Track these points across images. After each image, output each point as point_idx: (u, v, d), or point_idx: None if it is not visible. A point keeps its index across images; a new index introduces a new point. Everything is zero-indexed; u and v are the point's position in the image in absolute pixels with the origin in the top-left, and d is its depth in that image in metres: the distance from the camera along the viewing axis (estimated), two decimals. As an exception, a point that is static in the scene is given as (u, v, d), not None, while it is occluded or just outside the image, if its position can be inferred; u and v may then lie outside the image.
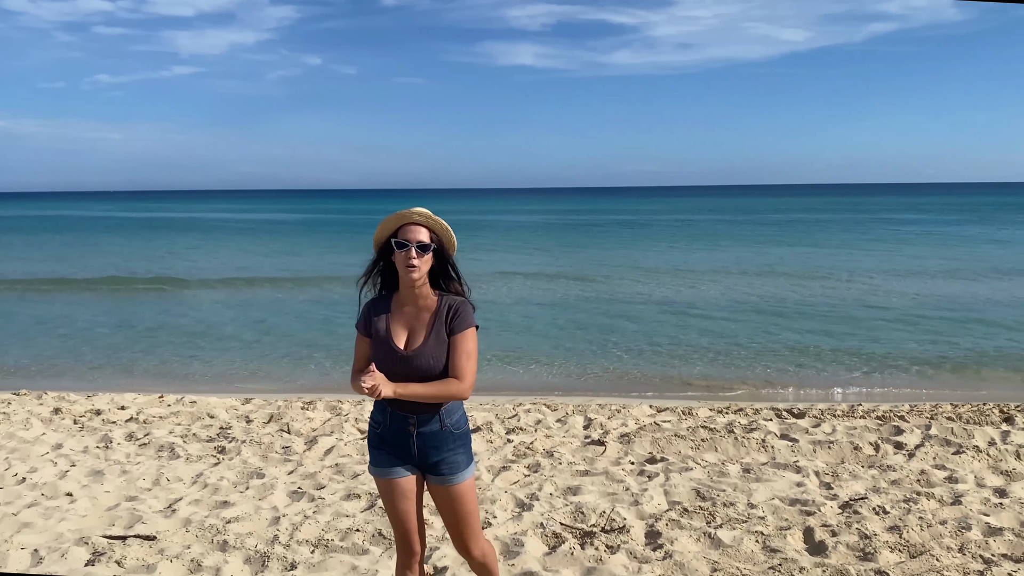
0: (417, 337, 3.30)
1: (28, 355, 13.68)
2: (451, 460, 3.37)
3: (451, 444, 3.36)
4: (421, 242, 3.27)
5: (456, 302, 3.34)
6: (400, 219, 3.35)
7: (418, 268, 3.26)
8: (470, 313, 3.34)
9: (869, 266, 26.72)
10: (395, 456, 3.38)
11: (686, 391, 11.11)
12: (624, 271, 26.36)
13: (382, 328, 3.34)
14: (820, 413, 8.28)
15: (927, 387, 11.35)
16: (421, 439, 3.33)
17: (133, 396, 9.66)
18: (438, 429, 3.33)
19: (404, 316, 3.35)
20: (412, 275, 3.27)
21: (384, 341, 3.32)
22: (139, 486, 6.25)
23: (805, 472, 6.33)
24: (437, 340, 3.27)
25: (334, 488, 6.12)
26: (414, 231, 3.29)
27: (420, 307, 3.34)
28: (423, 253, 3.27)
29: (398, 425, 3.33)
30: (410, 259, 3.25)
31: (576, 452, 6.98)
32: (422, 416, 3.31)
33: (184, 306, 19.55)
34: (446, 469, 3.36)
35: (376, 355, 3.32)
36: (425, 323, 3.31)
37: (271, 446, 7.29)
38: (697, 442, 7.08)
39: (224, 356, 13.63)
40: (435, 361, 3.25)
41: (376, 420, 3.42)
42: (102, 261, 30.93)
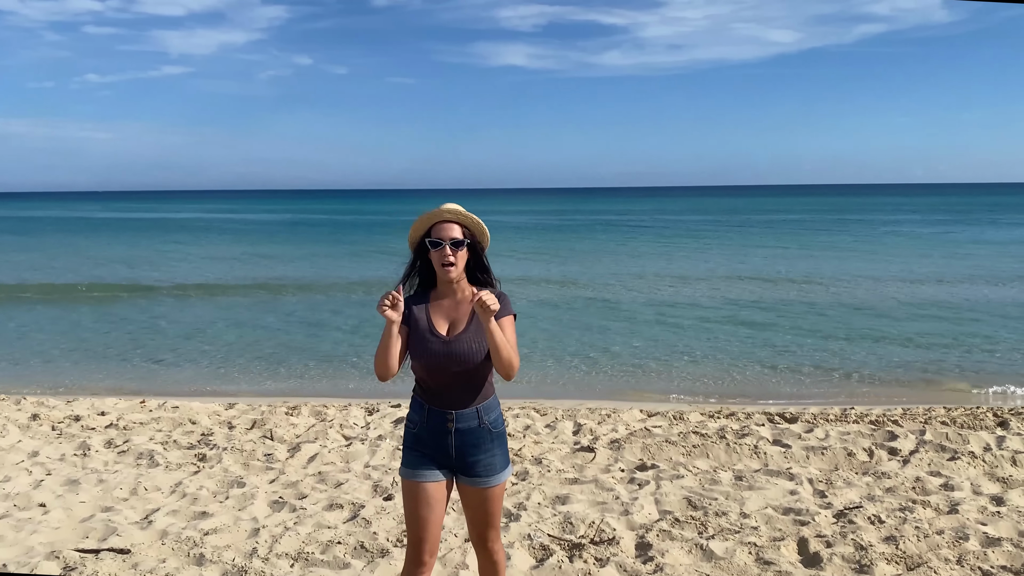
0: (459, 326, 3.32)
1: (7, 359, 13.48)
2: (488, 462, 3.33)
3: (489, 444, 3.33)
4: (455, 239, 3.30)
5: (495, 293, 3.34)
6: (432, 218, 3.37)
7: (455, 265, 3.30)
8: (509, 302, 3.37)
9: (854, 268, 26.68)
10: (430, 458, 3.33)
11: (675, 394, 11.00)
12: (611, 272, 26.26)
13: (422, 318, 3.35)
14: (813, 418, 8.17)
15: (918, 390, 11.28)
16: (459, 436, 3.29)
17: (114, 401, 9.47)
18: (476, 426, 3.30)
19: (443, 308, 3.38)
20: (449, 273, 3.31)
21: (426, 329, 3.32)
22: (116, 496, 6.07)
23: (798, 479, 6.20)
24: (478, 328, 3.28)
25: (316, 498, 5.96)
26: (447, 229, 3.32)
27: (459, 300, 3.38)
28: (457, 249, 3.31)
29: (436, 423, 3.30)
30: (445, 257, 3.29)
31: (565, 459, 6.84)
32: (461, 412, 3.29)
33: (169, 309, 19.31)
34: (482, 471, 3.33)
35: (416, 342, 3.31)
36: (466, 313, 3.34)
37: (253, 453, 7.12)
38: (688, 448, 6.94)
39: (208, 360, 13.45)
40: (477, 346, 3.27)
41: (412, 420, 3.40)
42: (86, 263, 30.67)
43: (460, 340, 3.29)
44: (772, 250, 34.34)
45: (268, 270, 28.02)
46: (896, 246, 35.70)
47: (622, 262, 29.95)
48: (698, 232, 48.78)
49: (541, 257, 32.23)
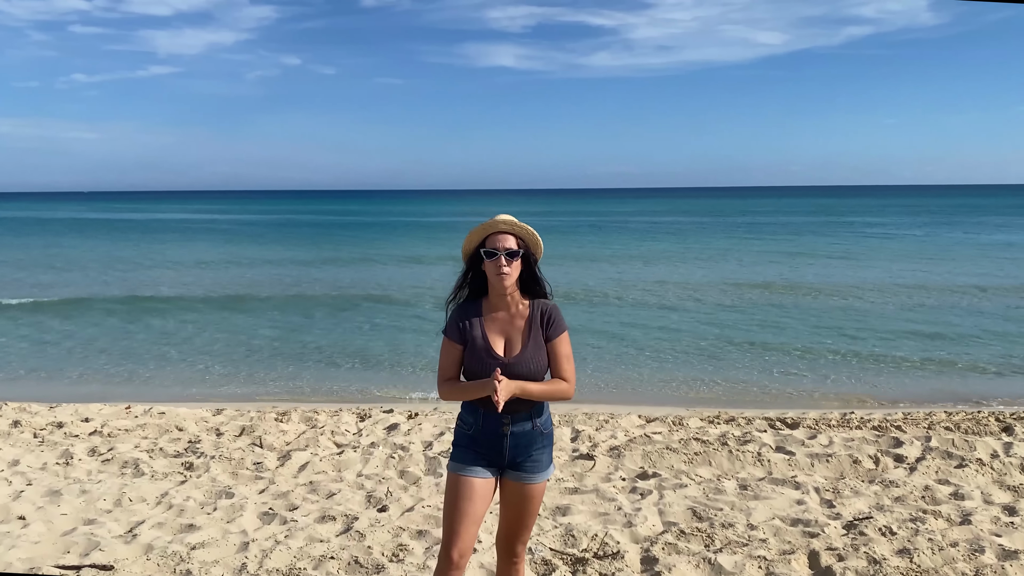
0: (515, 344, 3.35)
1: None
2: (536, 459, 3.40)
3: (539, 443, 3.40)
4: (509, 249, 3.33)
5: (548, 307, 3.42)
6: (487, 229, 3.39)
7: (509, 275, 3.32)
8: (562, 317, 3.43)
9: (840, 270, 26.61)
10: (483, 457, 3.36)
11: (671, 397, 10.84)
12: (599, 274, 26.11)
13: (478, 336, 3.36)
14: (814, 423, 8.00)
15: (913, 391, 11.16)
16: (514, 439, 3.34)
17: (99, 407, 9.22)
18: (529, 429, 3.36)
19: (498, 323, 3.39)
20: (504, 282, 3.32)
21: (483, 349, 3.34)
22: (99, 507, 5.84)
23: (804, 488, 6.03)
24: (536, 346, 3.33)
25: (307, 509, 5.75)
26: (502, 239, 3.35)
27: (513, 313, 3.39)
28: (512, 260, 3.33)
29: (492, 427, 3.34)
30: (500, 267, 3.31)
31: (564, 467, 6.65)
32: (516, 416, 3.33)
33: (155, 314, 19.03)
34: (530, 467, 3.39)
35: (473, 363, 3.34)
36: (520, 329, 3.37)
37: (242, 462, 6.90)
38: (690, 456, 6.76)
39: (198, 364, 13.21)
40: (536, 366, 3.31)
41: (466, 421, 3.42)
42: (79, 268, 30.34)
43: (521, 362, 3.30)
44: (759, 252, 34.27)
45: (251, 274, 27.73)
46: (883, 248, 35.69)
47: (609, 263, 29.80)
48: (684, 233, 48.79)
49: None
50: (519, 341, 3.34)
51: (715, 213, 79.43)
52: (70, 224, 64.43)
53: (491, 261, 3.32)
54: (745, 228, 53.40)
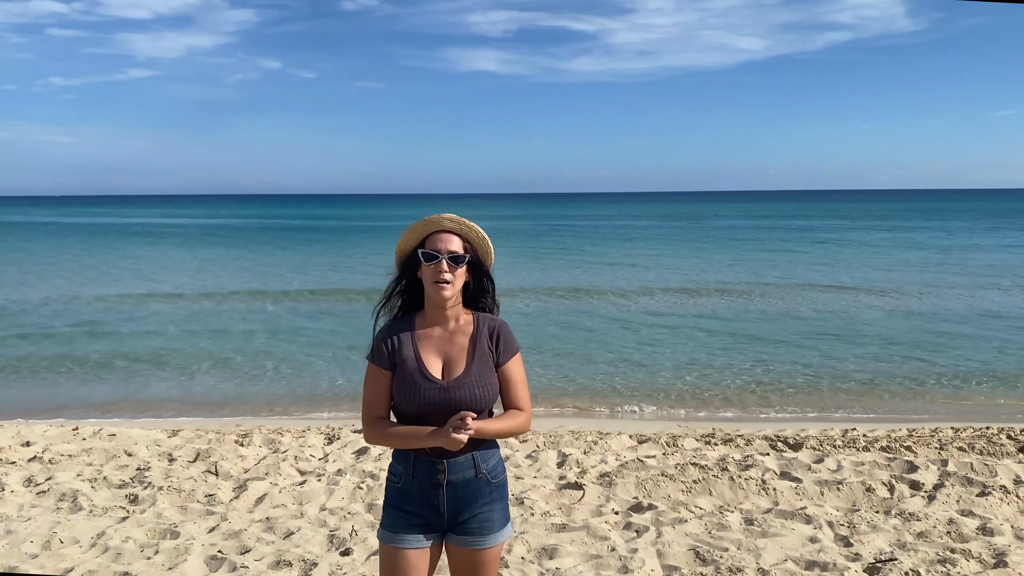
0: (456, 365, 2.76)
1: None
2: (485, 517, 2.78)
3: (487, 496, 2.78)
4: (453, 253, 2.75)
5: (497, 323, 2.85)
6: (428, 226, 2.81)
7: (451, 284, 2.74)
8: (513, 335, 2.87)
9: (817, 275, 26.19)
10: (416, 518, 2.76)
11: (661, 410, 10.27)
12: (579, 280, 25.55)
13: (410, 356, 2.76)
14: (818, 444, 7.44)
15: (909, 401, 10.70)
16: (452, 491, 2.74)
17: (43, 428, 8.49)
18: (472, 477, 2.75)
19: (433, 341, 2.80)
20: (443, 292, 2.74)
21: (416, 372, 2.74)
22: (24, 551, 5.14)
23: (816, 522, 5.44)
24: (482, 366, 2.76)
25: (261, 552, 5.08)
26: (445, 240, 2.77)
27: (452, 330, 2.81)
28: (456, 266, 2.75)
29: (423, 475, 2.74)
30: (440, 273, 2.72)
31: (551, 498, 6.02)
32: (453, 462, 2.73)
33: (126, 319, 18.21)
34: (477, 528, 2.77)
35: (405, 389, 2.73)
36: (463, 348, 2.78)
37: (192, 494, 6.21)
38: (688, 484, 6.16)
39: (161, 378, 12.47)
40: (481, 391, 2.73)
41: (395, 472, 2.82)
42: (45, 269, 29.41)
43: (462, 385, 2.72)
44: (734, 257, 33.87)
45: (235, 278, 26.95)
46: (861, 253, 35.37)
47: (590, 269, 29.23)
48: (663, 238, 48.31)
49: (510, 263, 31.43)
50: (461, 361, 2.75)
51: (699, 218, 79.18)
52: (32, 228, 63.08)
53: (430, 265, 2.74)
54: (725, 232, 53.09)
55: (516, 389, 2.81)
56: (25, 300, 21.03)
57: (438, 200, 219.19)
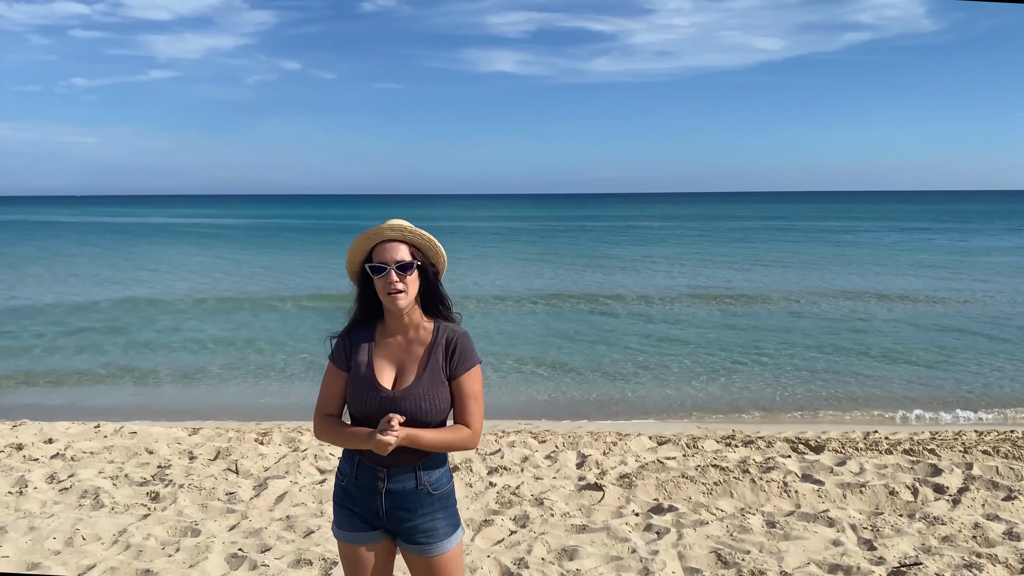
0: (407, 376, 2.74)
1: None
2: (427, 527, 2.76)
3: (427, 507, 2.75)
4: (401, 261, 2.70)
5: (456, 335, 2.78)
6: (372, 238, 2.75)
7: (404, 293, 2.70)
8: (473, 348, 2.79)
9: (835, 278, 25.96)
10: (360, 516, 2.79)
11: (679, 412, 10.22)
12: (596, 282, 25.48)
13: (363, 362, 2.76)
14: (840, 446, 7.37)
15: (925, 405, 10.57)
16: (390, 499, 2.73)
17: (65, 426, 8.56)
18: (412, 488, 2.73)
19: (391, 349, 2.78)
20: (398, 302, 2.70)
21: (366, 379, 2.73)
22: (47, 548, 5.17)
23: (839, 525, 5.39)
24: (432, 378, 2.71)
25: (281, 550, 5.08)
26: (391, 250, 2.72)
27: (411, 338, 2.78)
28: (406, 274, 2.70)
29: (365, 479, 2.75)
30: (391, 284, 2.68)
31: (570, 499, 5.99)
32: (394, 471, 2.72)
33: (143, 318, 18.34)
34: (422, 537, 2.76)
35: (355, 395, 2.74)
36: (417, 358, 2.75)
37: (213, 492, 6.24)
38: (709, 486, 6.11)
39: (182, 376, 12.55)
40: (428, 404, 2.68)
41: (343, 471, 2.85)
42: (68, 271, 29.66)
43: (408, 396, 2.69)
44: (749, 258, 33.65)
45: (256, 279, 27.07)
46: (876, 254, 35.06)
47: (603, 271, 29.14)
48: (681, 240, 48.11)
49: (529, 264, 31.41)
50: (413, 372, 2.73)
51: (718, 219, 78.79)
52: (43, 228, 63.65)
53: (379, 278, 2.70)
54: (741, 233, 52.83)
55: (467, 404, 2.74)
56: (51, 300, 21.23)
57: (456, 201, 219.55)
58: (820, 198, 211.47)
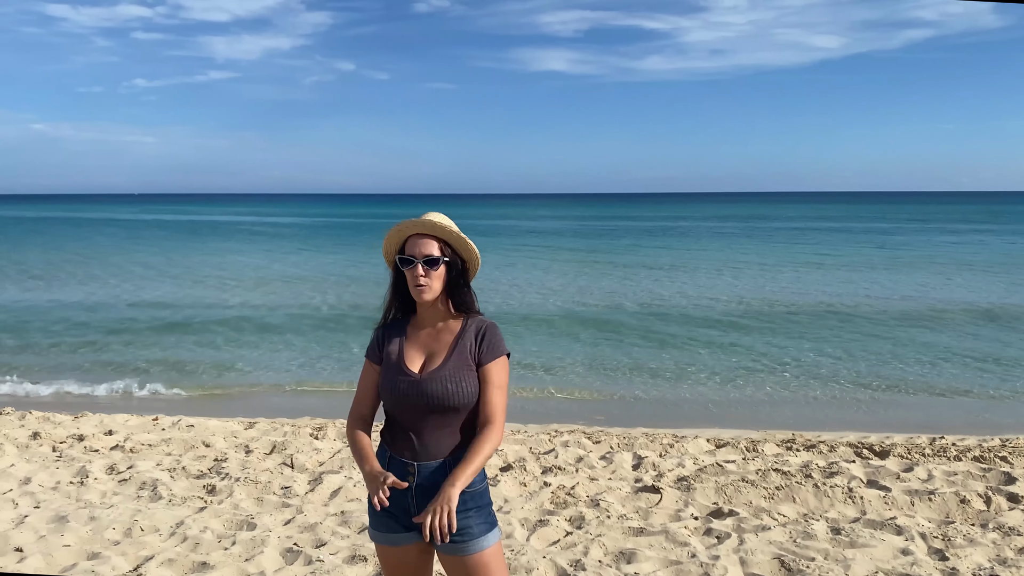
0: (435, 360, 2.75)
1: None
2: (461, 525, 2.65)
3: (460, 504, 2.64)
4: (429, 256, 2.73)
5: (485, 324, 2.80)
6: (403, 231, 2.80)
7: (428, 287, 2.73)
8: (502, 338, 2.80)
9: (902, 281, 25.35)
10: (395, 517, 2.73)
11: (738, 416, 10.02)
12: (649, 285, 25.23)
13: (394, 351, 2.80)
14: (906, 451, 7.13)
15: (999, 414, 10.22)
16: (421, 494, 2.67)
17: (125, 418, 8.69)
18: (442, 483, 2.61)
19: (421, 339, 2.81)
20: (423, 295, 2.74)
21: (395, 365, 2.76)
22: (106, 538, 5.23)
23: (908, 534, 5.19)
24: (459, 362, 2.72)
25: (336, 546, 5.06)
26: (420, 244, 2.75)
27: (440, 329, 2.81)
28: (432, 269, 2.73)
29: (395, 474, 2.67)
30: (417, 277, 2.73)
31: (627, 501, 5.88)
32: (424, 465, 2.69)
33: (207, 310, 18.63)
34: (455, 536, 2.67)
35: (384, 382, 2.78)
36: (446, 345, 2.77)
37: (269, 485, 6.26)
38: (771, 490, 5.95)
39: (242, 368, 12.71)
40: (453, 386, 2.68)
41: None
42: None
43: (434, 379, 2.70)
44: (807, 259, 33.07)
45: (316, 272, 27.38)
46: (937, 256, 34.16)
47: (660, 273, 28.86)
48: (740, 238, 47.47)
49: (581, 265, 31.25)
50: (441, 357, 2.75)
51: (783, 219, 77.48)
52: (130, 225, 65.16)
53: (407, 270, 2.76)
54: (806, 234, 51.93)
55: (491, 393, 2.72)
56: (109, 297, 21.72)
57: (507, 200, 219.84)
58: (879, 199, 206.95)
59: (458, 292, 2.79)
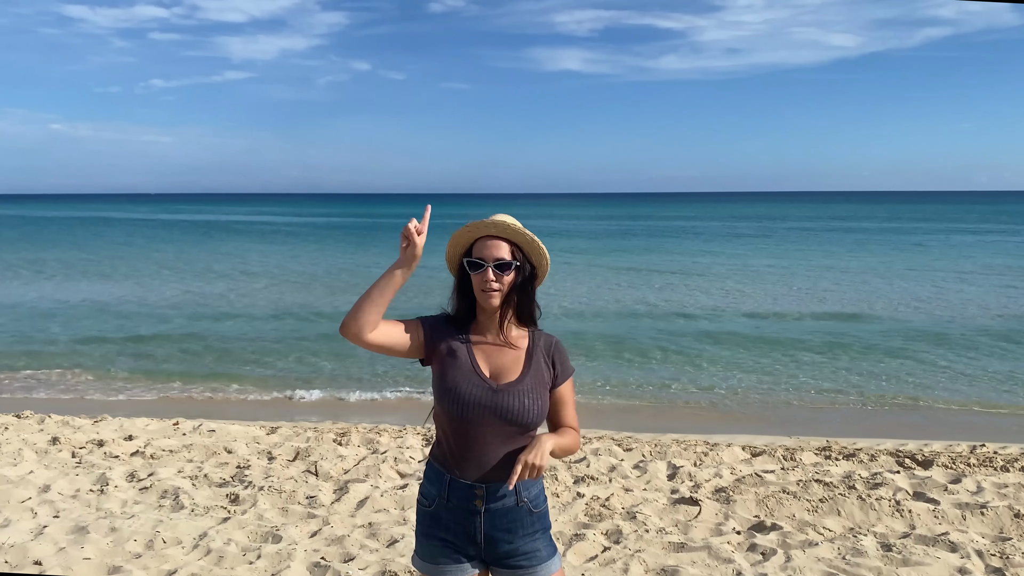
0: (508, 373, 2.55)
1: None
2: (528, 549, 2.52)
3: (528, 527, 2.53)
4: (500, 260, 2.53)
5: (553, 341, 2.65)
6: (472, 231, 2.58)
7: (499, 292, 2.54)
8: (566, 355, 2.66)
9: (925, 283, 24.97)
10: (452, 546, 2.53)
11: (766, 423, 9.78)
12: (673, 285, 24.97)
13: (462, 352, 2.56)
14: (950, 462, 6.87)
15: None
16: (490, 519, 2.50)
17: (145, 422, 8.54)
18: (513, 505, 2.51)
19: (486, 347, 2.59)
20: (492, 301, 2.55)
21: (469, 368, 2.52)
22: (128, 550, 5.05)
23: (963, 551, 4.94)
24: (537, 379, 2.55)
25: (365, 560, 4.87)
26: (491, 246, 2.54)
27: (505, 339, 2.61)
28: (503, 273, 2.53)
29: (459, 500, 2.51)
30: (487, 281, 2.52)
31: (664, 513, 5.66)
32: (493, 486, 2.49)
33: (220, 312, 18.55)
34: (523, 560, 2.52)
35: (452, 381, 2.50)
36: (518, 359, 2.58)
37: (293, 495, 6.07)
38: (814, 503, 5.71)
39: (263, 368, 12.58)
40: (531, 401, 2.50)
41: (427, 494, 2.60)
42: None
43: (512, 392, 2.50)
44: (833, 259, 32.69)
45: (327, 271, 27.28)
46: (960, 256, 33.70)
47: (671, 273, 28.58)
48: (751, 239, 47.08)
49: (601, 269, 31.01)
50: (514, 370, 2.55)
51: (802, 219, 77.03)
52: (145, 225, 65.41)
53: (477, 274, 2.55)
54: (826, 234, 51.49)
55: (568, 410, 2.65)
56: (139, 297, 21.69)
57: (522, 199, 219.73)
58: (897, 198, 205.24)
59: (525, 301, 2.61)
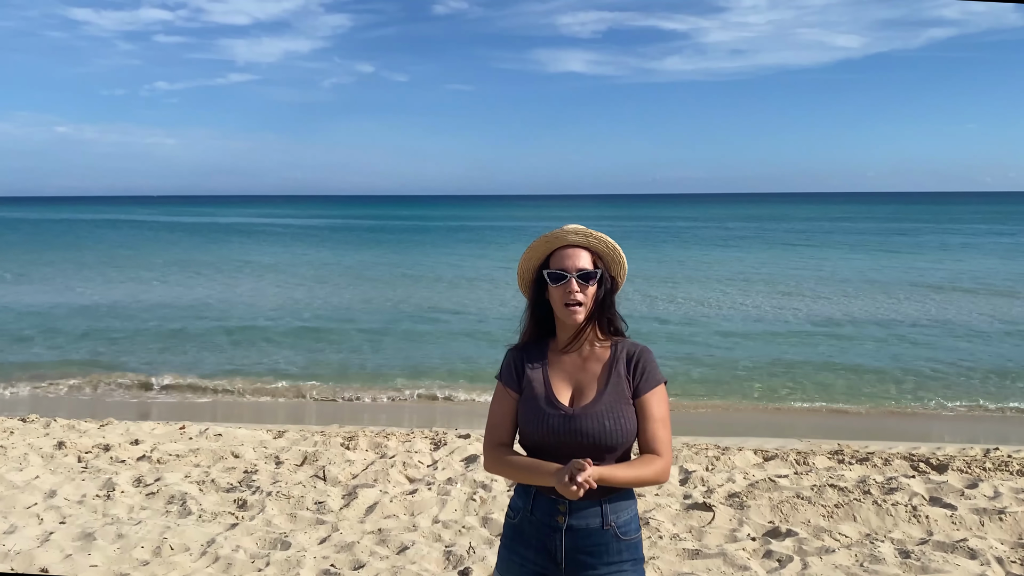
0: (586, 393, 2.43)
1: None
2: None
3: (615, 554, 2.37)
4: (583, 270, 2.44)
5: (637, 349, 2.49)
6: (551, 243, 2.50)
7: (583, 305, 2.44)
8: (657, 364, 2.48)
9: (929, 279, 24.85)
10: (532, 560, 2.42)
11: (774, 426, 9.70)
12: (674, 288, 24.89)
13: (538, 379, 2.48)
14: (965, 466, 6.79)
15: None
16: (572, 537, 2.37)
17: (151, 426, 8.49)
18: (598, 527, 2.37)
19: (565, 367, 2.49)
20: (575, 315, 2.44)
21: (543, 397, 2.44)
22: (135, 557, 4.99)
23: (983, 558, 4.86)
24: (616, 394, 2.40)
25: (376, 568, 4.80)
26: (572, 256, 2.46)
27: (586, 356, 2.49)
28: (587, 284, 2.44)
29: (542, 514, 2.41)
30: (571, 294, 2.42)
31: (677, 519, 5.58)
32: (576, 504, 2.36)
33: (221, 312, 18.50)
34: None
35: (529, 415, 2.44)
36: (596, 375, 2.45)
37: (302, 500, 6.00)
38: (829, 508, 5.63)
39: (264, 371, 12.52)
40: (612, 423, 2.36)
41: (515, 507, 2.51)
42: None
43: (589, 415, 2.37)
44: (837, 260, 32.58)
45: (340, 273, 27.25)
46: (969, 257, 33.54)
47: (681, 276, 28.49)
48: (752, 240, 46.95)
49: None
50: (593, 389, 2.42)
51: (805, 219, 76.79)
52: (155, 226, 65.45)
53: (558, 287, 2.44)
54: (826, 235, 51.35)
55: (653, 427, 2.41)
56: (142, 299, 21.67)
57: (528, 201, 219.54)
58: (902, 199, 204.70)
59: (608, 312, 2.50)
